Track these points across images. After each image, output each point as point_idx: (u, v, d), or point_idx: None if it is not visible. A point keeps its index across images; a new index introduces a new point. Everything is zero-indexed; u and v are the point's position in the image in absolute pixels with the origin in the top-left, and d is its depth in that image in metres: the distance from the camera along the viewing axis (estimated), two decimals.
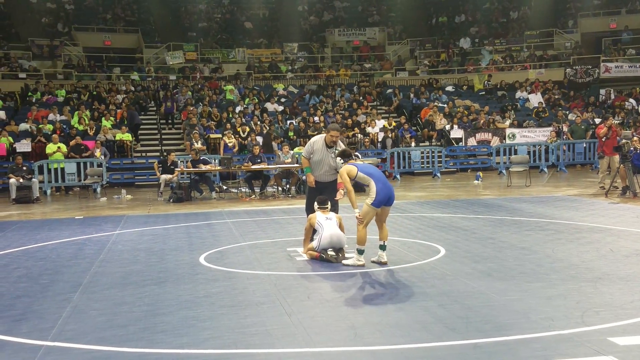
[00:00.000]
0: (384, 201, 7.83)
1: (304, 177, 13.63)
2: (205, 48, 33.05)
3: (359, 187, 10.41)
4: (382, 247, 7.91)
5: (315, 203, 8.51)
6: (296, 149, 20.83)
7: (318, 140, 9.32)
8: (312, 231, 8.39)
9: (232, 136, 21.44)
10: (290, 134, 22.84)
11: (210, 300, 6.37)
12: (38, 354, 4.93)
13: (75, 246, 9.89)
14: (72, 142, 19.98)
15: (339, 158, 8.40)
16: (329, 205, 8.36)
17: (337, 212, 8.63)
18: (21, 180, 16.96)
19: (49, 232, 11.37)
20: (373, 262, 7.89)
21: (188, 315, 5.88)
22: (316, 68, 32.57)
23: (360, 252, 7.79)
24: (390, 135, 22.83)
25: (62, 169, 19.02)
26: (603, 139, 15.63)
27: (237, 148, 21.15)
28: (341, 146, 9.25)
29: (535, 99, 27.68)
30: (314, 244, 8.20)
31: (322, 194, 9.14)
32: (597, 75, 29.96)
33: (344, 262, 7.90)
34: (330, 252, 8.13)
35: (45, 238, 10.73)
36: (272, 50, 34.02)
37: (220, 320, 5.68)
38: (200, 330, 5.42)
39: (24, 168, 17.49)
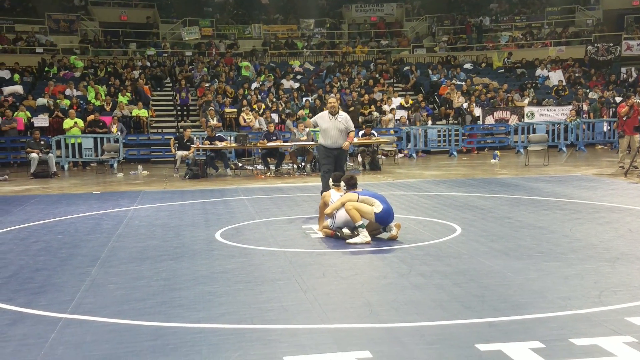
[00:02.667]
0: (383, 221, 7.93)
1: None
2: (221, 24, 32.93)
3: None
4: (361, 226, 7.99)
5: (330, 180, 8.58)
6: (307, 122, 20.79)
7: (323, 112, 11.01)
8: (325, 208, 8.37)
9: (250, 113, 21.43)
10: (306, 111, 22.78)
11: (227, 276, 6.40)
12: (57, 326, 4.98)
13: (93, 221, 9.96)
14: (89, 118, 20.08)
15: (342, 183, 8.31)
16: (342, 184, 8.34)
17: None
18: (40, 154, 17.10)
19: (67, 207, 11.46)
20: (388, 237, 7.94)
21: (204, 290, 5.91)
22: (333, 45, 32.37)
23: (362, 227, 7.78)
24: (416, 115, 22.64)
25: (80, 144, 19.14)
26: (624, 118, 15.45)
27: (257, 126, 21.15)
28: (344, 114, 10.76)
29: (555, 77, 27.36)
30: (329, 222, 8.20)
31: (336, 158, 10.43)
32: (618, 53, 29.55)
33: (349, 240, 7.85)
34: (345, 231, 8.13)
35: (64, 212, 10.82)
36: (288, 26, 33.84)
37: (236, 296, 5.71)
38: (217, 305, 5.45)
39: (42, 143, 17.60)
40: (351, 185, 8.20)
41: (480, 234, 8.20)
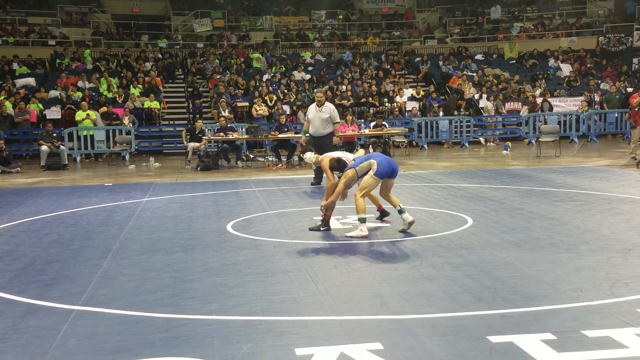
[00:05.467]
0: (387, 173, 7.79)
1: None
2: (232, 15, 32.91)
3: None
4: (401, 211, 7.88)
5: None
6: None
7: (311, 105, 12.57)
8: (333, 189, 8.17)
9: (262, 104, 21.43)
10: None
11: (238, 268, 6.42)
12: (69, 318, 5.01)
13: (104, 213, 10.01)
14: (101, 110, 20.16)
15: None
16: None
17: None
18: (52, 146, 17.19)
19: (79, 199, 11.52)
20: (402, 231, 7.86)
21: (216, 282, 5.93)
22: (344, 36, 32.28)
23: (363, 221, 7.73)
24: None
25: (92, 136, 19.22)
26: (636, 109, 15.32)
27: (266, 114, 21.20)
28: (330, 106, 12.27)
29: (567, 68, 27.18)
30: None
31: (321, 146, 11.57)
32: (630, 43, 29.28)
33: (347, 234, 7.80)
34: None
35: (76, 204, 10.87)
36: (299, 17, 33.77)
37: (247, 288, 5.72)
38: (228, 297, 5.47)
39: (54, 135, 17.68)
40: (341, 167, 8.00)
41: (491, 225, 8.18)
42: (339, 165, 8.01)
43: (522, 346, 4.21)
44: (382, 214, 8.57)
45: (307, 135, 12.55)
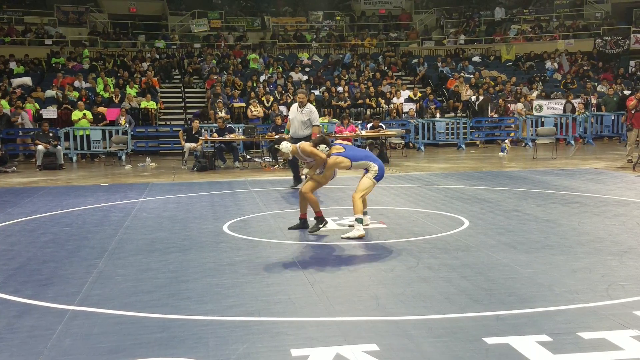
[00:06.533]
0: (381, 177, 7.95)
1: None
2: (230, 16, 32.90)
3: None
4: (365, 213, 8.16)
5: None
6: (319, 119, 20.75)
7: (294, 104, 12.26)
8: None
9: (258, 105, 21.42)
10: (313, 104, 22.71)
11: (234, 269, 6.41)
12: (64, 318, 5.00)
13: (100, 213, 9.99)
14: (93, 110, 20.17)
15: (322, 146, 7.93)
16: (322, 146, 8.02)
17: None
18: (48, 146, 17.16)
19: (75, 199, 11.50)
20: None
21: (212, 282, 5.92)
22: (341, 37, 32.29)
23: (360, 221, 7.77)
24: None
25: (88, 136, 19.19)
26: (632, 111, 15.35)
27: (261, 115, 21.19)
28: (311, 108, 11.89)
29: (566, 64, 27.40)
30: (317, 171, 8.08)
31: None
32: (627, 46, 29.36)
33: (343, 235, 7.77)
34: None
35: (72, 204, 10.85)
36: (297, 18, 33.78)
37: (243, 288, 5.71)
38: (224, 297, 5.46)
39: (50, 135, 17.65)
40: (326, 143, 7.94)
41: (488, 227, 8.18)
42: (323, 140, 8.01)
43: (517, 348, 4.21)
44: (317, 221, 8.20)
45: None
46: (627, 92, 22.99)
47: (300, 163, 8.47)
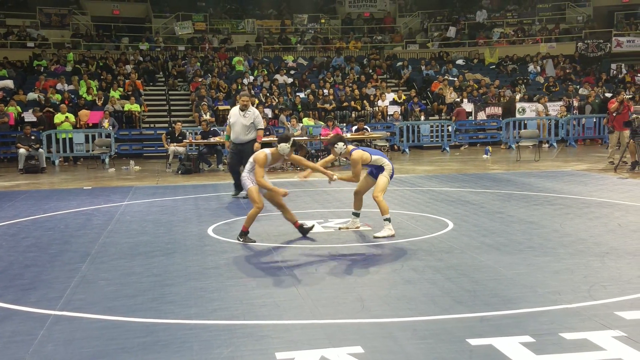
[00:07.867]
0: (393, 176, 8.16)
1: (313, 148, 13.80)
2: (214, 18, 32.82)
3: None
4: (357, 215, 8.32)
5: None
6: (305, 120, 20.78)
7: (234, 108, 11.46)
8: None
9: None
10: (299, 107, 22.73)
11: (219, 272, 6.39)
12: (46, 323, 4.96)
13: (83, 216, 9.92)
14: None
15: (340, 144, 7.96)
16: (340, 144, 8.04)
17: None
18: (29, 149, 17.02)
19: (58, 202, 11.41)
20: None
21: (196, 286, 5.90)
22: (326, 40, 32.32)
23: (389, 220, 7.88)
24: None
25: (71, 139, 19.06)
26: (614, 114, 15.50)
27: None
28: (254, 111, 11.16)
29: (550, 69, 27.63)
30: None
31: (241, 153, 10.73)
32: (608, 49, 29.64)
33: (376, 234, 7.86)
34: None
35: (54, 208, 10.77)
36: (281, 21, 33.77)
37: (228, 292, 5.70)
38: (209, 301, 5.44)
39: (32, 138, 17.52)
40: (343, 140, 8.10)
41: (472, 229, 8.22)
42: (340, 138, 8.10)
43: (501, 349, 4.23)
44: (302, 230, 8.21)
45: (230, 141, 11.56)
46: (608, 95, 23.18)
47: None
